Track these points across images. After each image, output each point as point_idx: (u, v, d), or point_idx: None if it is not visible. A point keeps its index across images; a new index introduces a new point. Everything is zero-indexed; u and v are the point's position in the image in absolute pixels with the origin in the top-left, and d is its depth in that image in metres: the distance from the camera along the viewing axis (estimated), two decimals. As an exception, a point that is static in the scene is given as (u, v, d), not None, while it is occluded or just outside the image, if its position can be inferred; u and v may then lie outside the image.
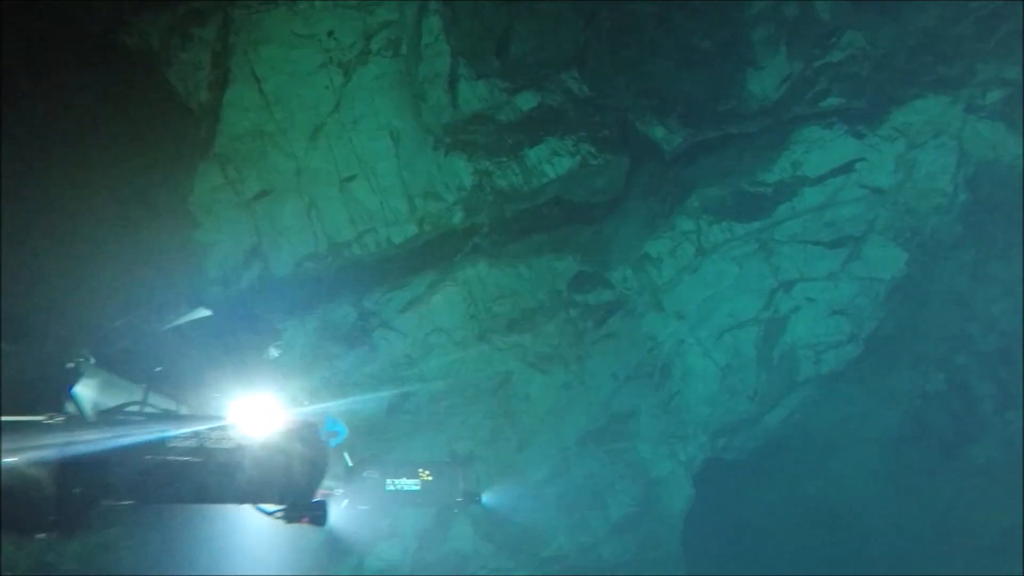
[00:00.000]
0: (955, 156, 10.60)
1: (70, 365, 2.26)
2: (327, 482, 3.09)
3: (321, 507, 2.61)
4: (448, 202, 8.58)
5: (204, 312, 2.92)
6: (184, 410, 2.36)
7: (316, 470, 2.34)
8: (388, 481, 3.65)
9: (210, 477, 2.07)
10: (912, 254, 11.09)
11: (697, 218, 10.34)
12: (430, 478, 3.79)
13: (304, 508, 2.51)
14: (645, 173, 10.10)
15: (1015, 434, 11.55)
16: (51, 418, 1.73)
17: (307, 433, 2.32)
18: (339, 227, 8.13)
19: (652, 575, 10.47)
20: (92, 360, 2.34)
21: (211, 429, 2.16)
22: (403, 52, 8.24)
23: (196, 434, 2.12)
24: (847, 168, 10.61)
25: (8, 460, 1.66)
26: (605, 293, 9.81)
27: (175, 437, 2.07)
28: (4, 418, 1.68)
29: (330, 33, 7.76)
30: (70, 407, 1.89)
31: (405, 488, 3.69)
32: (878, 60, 10.42)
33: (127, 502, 2.11)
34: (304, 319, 8.00)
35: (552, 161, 9.05)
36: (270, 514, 2.63)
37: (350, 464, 3.57)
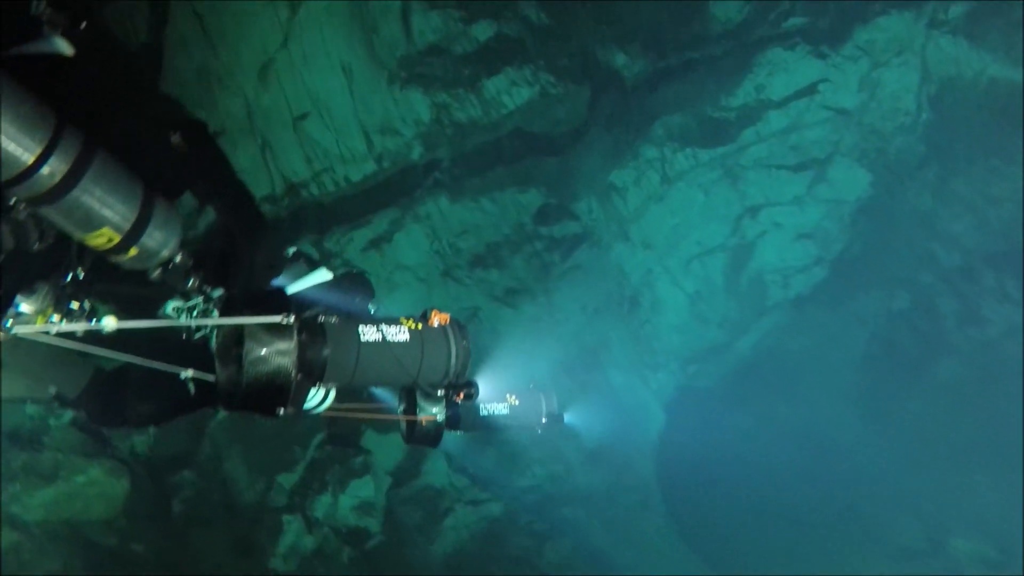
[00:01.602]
0: (918, 74, 10.53)
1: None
2: (432, 409, 3.63)
3: (474, 385, 3.11)
4: (406, 137, 8.42)
5: (325, 275, 3.22)
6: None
7: (467, 355, 2.85)
8: (482, 407, 3.92)
9: (394, 363, 2.64)
10: (877, 175, 11.10)
11: (661, 146, 10.24)
12: (517, 403, 4.03)
13: (461, 387, 3.01)
14: (607, 102, 9.94)
15: (977, 349, 11.78)
16: (285, 319, 2.27)
17: (457, 326, 2.85)
18: (295, 167, 7.96)
19: (627, 500, 10.69)
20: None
21: (388, 325, 2.71)
22: (352, -17, 7.97)
23: (379, 328, 2.64)
24: (811, 90, 10.51)
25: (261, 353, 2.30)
26: (571, 225, 9.75)
27: (363, 332, 2.63)
28: (258, 319, 2.29)
29: (273, -36, 7.46)
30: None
31: (496, 412, 3.99)
32: (840, -23, 10.25)
33: (333, 384, 2.72)
34: (264, 262, 7.88)
35: (511, 92, 8.88)
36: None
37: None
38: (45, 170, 1.91)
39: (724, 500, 13.55)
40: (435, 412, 3.66)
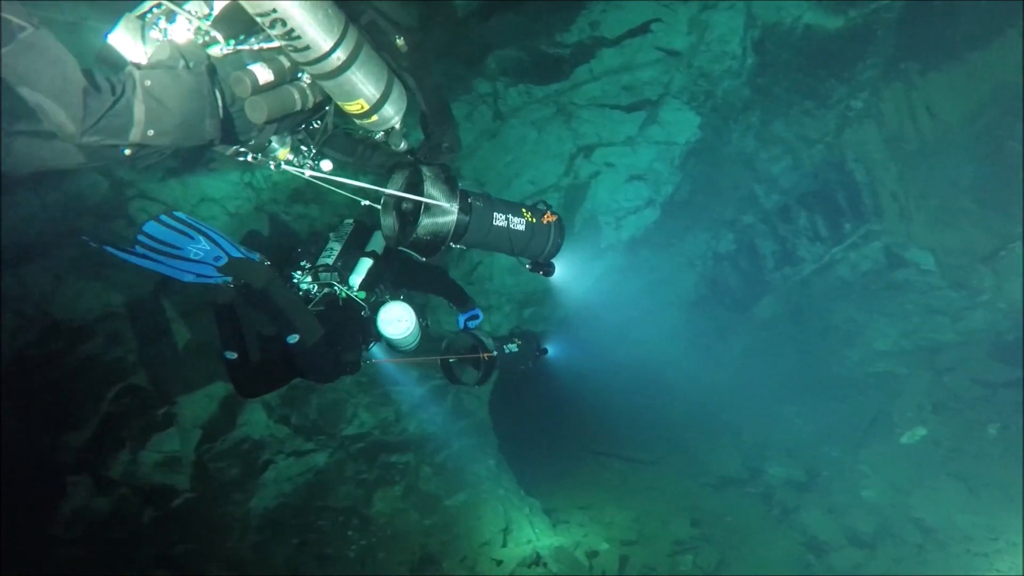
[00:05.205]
0: (743, 18, 10.71)
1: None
2: (511, 346, 5.34)
3: (552, 266, 3.99)
4: (208, 55, 7.53)
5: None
6: None
7: (558, 248, 3.80)
8: (504, 346, 5.25)
9: (508, 242, 3.64)
10: (705, 118, 11.29)
11: (494, 80, 9.86)
12: (520, 342, 5.41)
13: (543, 265, 3.94)
14: (438, 31, 9.40)
15: (793, 288, 12.43)
16: (451, 204, 3.41)
17: (559, 226, 3.88)
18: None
19: (460, 445, 10.52)
20: None
21: (514, 216, 3.68)
22: None
23: (507, 217, 3.62)
24: (644, 29, 10.43)
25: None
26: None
27: (495, 217, 3.59)
28: (435, 202, 3.33)
29: None
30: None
31: (513, 350, 5.32)
32: (672, -87, 10.16)
33: (464, 247, 3.62)
34: (38, 190, 6.86)
35: (328, 10, 8.16)
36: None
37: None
38: (333, 56, 2.61)
39: (559, 441, 13.77)
40: (510, 347, 5.16)
